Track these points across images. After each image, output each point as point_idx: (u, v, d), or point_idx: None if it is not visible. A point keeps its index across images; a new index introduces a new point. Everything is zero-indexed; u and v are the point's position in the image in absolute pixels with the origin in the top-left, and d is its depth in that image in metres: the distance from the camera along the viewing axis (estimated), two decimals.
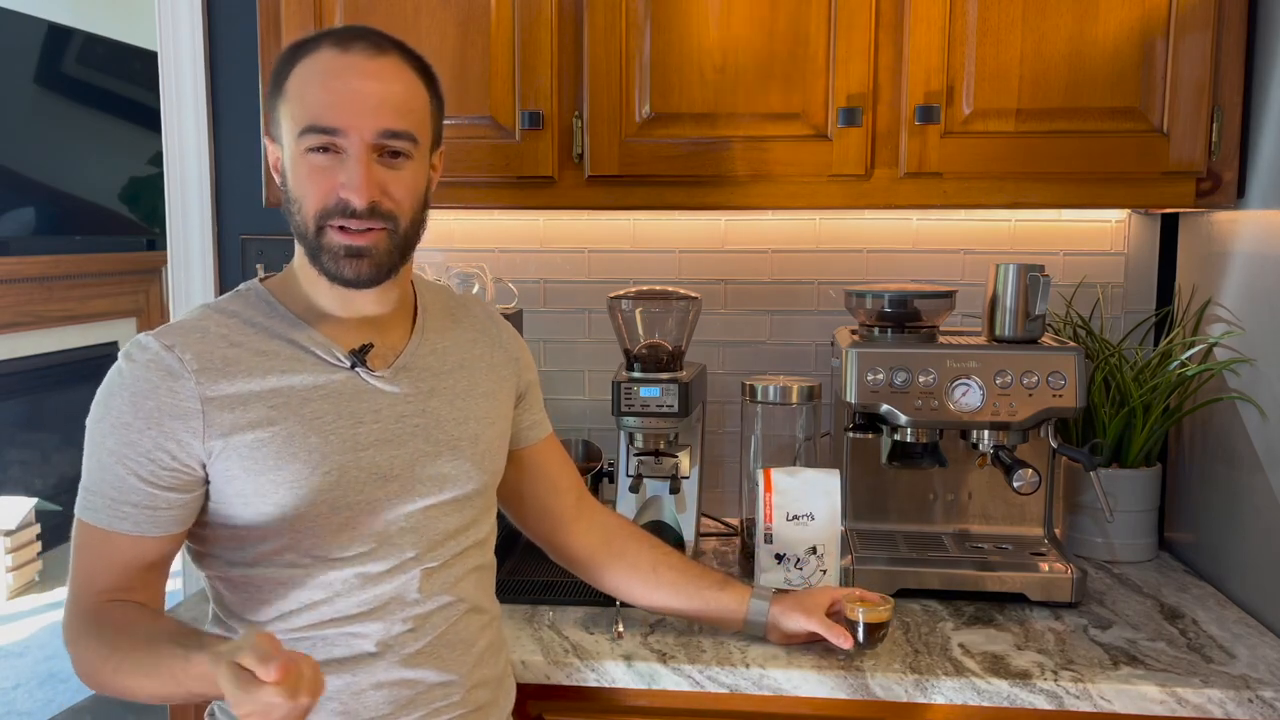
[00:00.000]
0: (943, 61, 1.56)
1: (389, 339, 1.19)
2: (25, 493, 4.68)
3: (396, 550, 1.13)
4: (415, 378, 1.18)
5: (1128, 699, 1.28)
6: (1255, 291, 1.54)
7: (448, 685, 1.16)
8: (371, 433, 1.13)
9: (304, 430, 1.10)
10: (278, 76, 1.12)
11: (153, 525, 1.08)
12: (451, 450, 1.18)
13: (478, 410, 1.23)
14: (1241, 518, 1.56)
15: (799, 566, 1.50)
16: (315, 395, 1.12)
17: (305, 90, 1.09)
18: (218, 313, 1.14)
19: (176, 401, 1.07)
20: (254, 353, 1.11)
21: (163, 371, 1.07)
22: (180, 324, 1.12)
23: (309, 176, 1.09)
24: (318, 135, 1.08)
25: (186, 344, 1.09)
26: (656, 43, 1.60)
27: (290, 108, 1.10)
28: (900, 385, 1.53)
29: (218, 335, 1.11)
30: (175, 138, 2.07)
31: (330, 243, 1.10)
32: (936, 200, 1.60)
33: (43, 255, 4.80)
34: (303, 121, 1.08)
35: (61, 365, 5.04)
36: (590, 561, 1.40)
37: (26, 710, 3.41)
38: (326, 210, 1.09)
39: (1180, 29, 1.53)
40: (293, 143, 1.09)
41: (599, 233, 1.99)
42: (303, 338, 1.14)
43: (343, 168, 1.08)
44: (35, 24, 4.74)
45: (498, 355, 1.29)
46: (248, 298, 1.17)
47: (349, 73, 1.09)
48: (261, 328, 1.13)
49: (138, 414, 1.07)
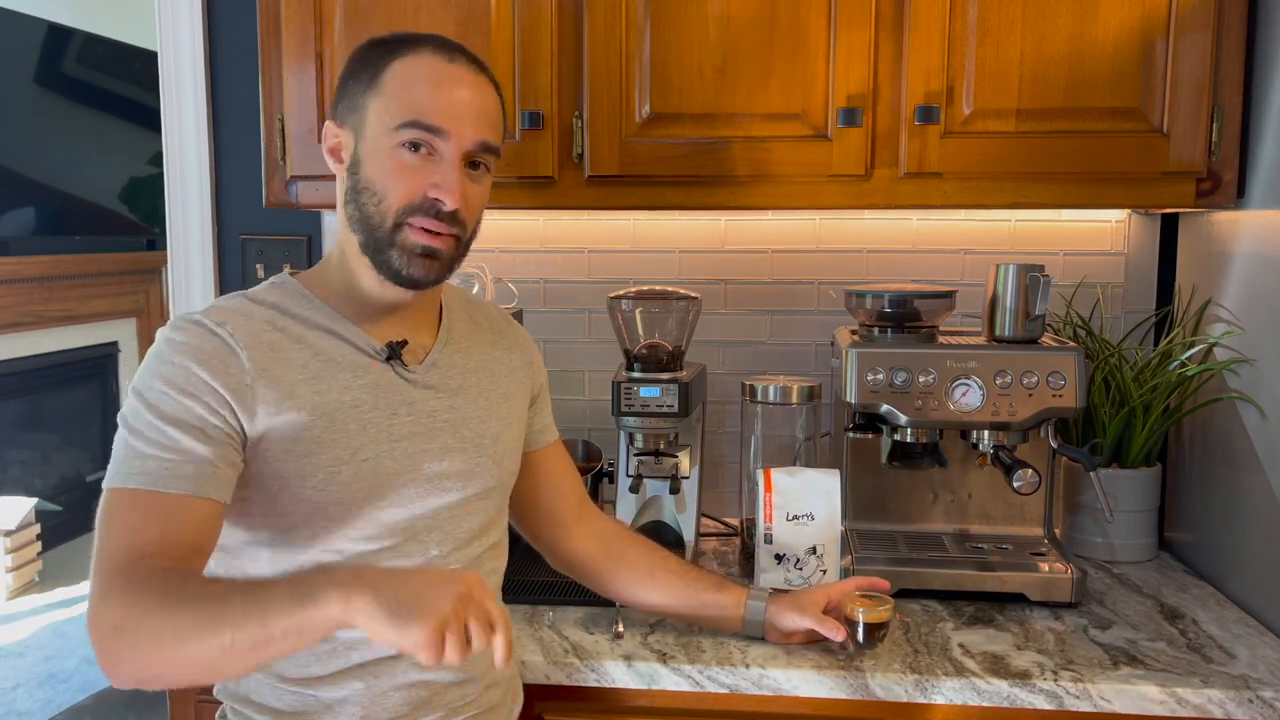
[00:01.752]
0: (943, 61, 1.56)
1: (419, 337, 1.20)
2: (25, 493, 4.67)
3: (421, 547, 1.14)
4: (444, 376, 1.20)
5: (1128, 699, 1.28)
6: (1255, 291, 1.54)
7: (464, 685, 1.18)
8: (405, 425, 1.14)
9: (344, 418, 1.10)
10: (369, 66, 1.13)
11: (211, 485, 1.04)
12: (476, 448, 1.20)
13: (499, 410, 1.25)
14: (1241, 518, 1.56)
15: (799, 567, 1.50)
16: (355, 384, 1.13)
17: (411, 87, 1.11)
18: (255, 302, 1.14)
19: (230, 373, 1.06)
20: (295, 340, 1.12)
21: (217, 342, 1.07)
22: (223, 306, 1.12)
23: (397, 171, 1.10)
24: (419, 131, 1.10)
25: (236, 324, 1.09)
26: (656, 43, 1.60)
27: (387, 101, 1.11)
28: (900, 385, 1.53)
29: (261, 320, 1.11)
30: (175, 138, 2.07)
31: (407, 240, 1.11)
32: (936, 200, 1.60)
33: (43, 255, 4.80)
34: (404, 116, 1.10)
35: (61, 365, 5.04)
36: (589, 566, 1.41)
37: (26, 710, 3.41)
38: (411, 206, 1.10)
39: (1180, 29, 1.53)
40: (385, 134, 1.10)
41: (599, 233, 1.99)
42: (341, 329, 1.15)
43: (436, 169, 1.11)
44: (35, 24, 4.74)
45: (515, 358, 1.32)
46: (284, 289, 1.17)
47: (456, 81, 1.12)
48: (300, 318, 1.14)
49: (190, 380, 1.04)
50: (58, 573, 4.56)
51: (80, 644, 3.89)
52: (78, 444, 5.19)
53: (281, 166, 1.70)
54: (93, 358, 5.25)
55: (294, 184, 1.70)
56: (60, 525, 4.79)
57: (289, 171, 1.69)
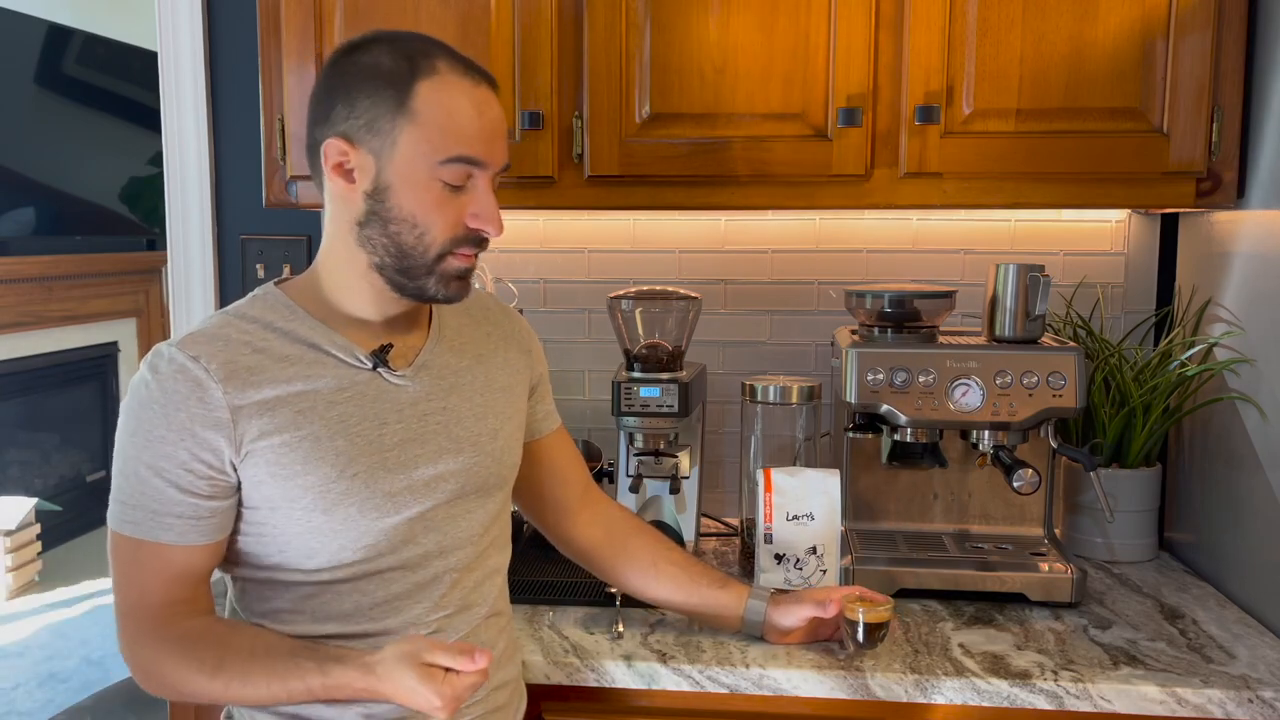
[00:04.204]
0: (943, 61, 1.56)
1: (408, 339, 1.19)
2: (25, 493, 4.68)
3: (419, 551, 1.14)
4: (435, 375, 1.19)
5: (1128, 699, 1.28)
6: (1255, 291, 1.54)
7: None
8: (395, 433, 1.13)
9: (330, 433, 1.09)
10: (390, 84, 1.07)
11: (197, 534, 1.08)
12: (473, 446, 1.19)
13: (496, 405, 1.24)
14: (1241, 518, 1.56)
15: (799, 566, 1.50)
16: (340, 398, 1.11)
17: (453, 118, 1.07)
18: (238, 319, 1.13)
19: (207, 411, 1.06)
20: (277, 359, 1.10)
21: (191, 382, 1.06)
22: (201, 332, 1.11)
23: (439, 204, 1.09)
24: (466, 166, 1.09)
25: (211, 354, 1.08)
26: (656, 43, 1.60)
27: (427, 132, 1.07)
28: (900, 385, 1.53)
29: (240, 343, 1.10)
30: (175, 138, 2.07)
31: (449, 268, 1.12)
32: (936, 200, 1.60)
33: (43, 255, 4.81)
34: (450, 150, 1.07)
35: (61, 365, 5.04)
36: (592, 553, 1.41)
37: (26, 710, 3.41)
38: (457, 239, 1.11)
39: (1180, 29, 1.53)
40: (427, 167, 1.07)
41: (599, 233, 1.99)
42: (324, 341, 1.13)
43: (471, 198, 1.10)
44: (35, 24, 4.74)
45: (512, 348, 1.30)
46: (266, 301, 1.15)
47: (486, 105, 1.10)
48: (282, 332, 1.12)
49: (170, 426, 1.05)
50: (58, 573, 4.56)
51: (80, 644, 3.89)
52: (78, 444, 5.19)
53: (281, 166, 1.70)
54: (93, 358, 5.25)
55: (294, 184, 1.70)
56: (60, 525, 4.79)
57: (289, 171, 1.69)
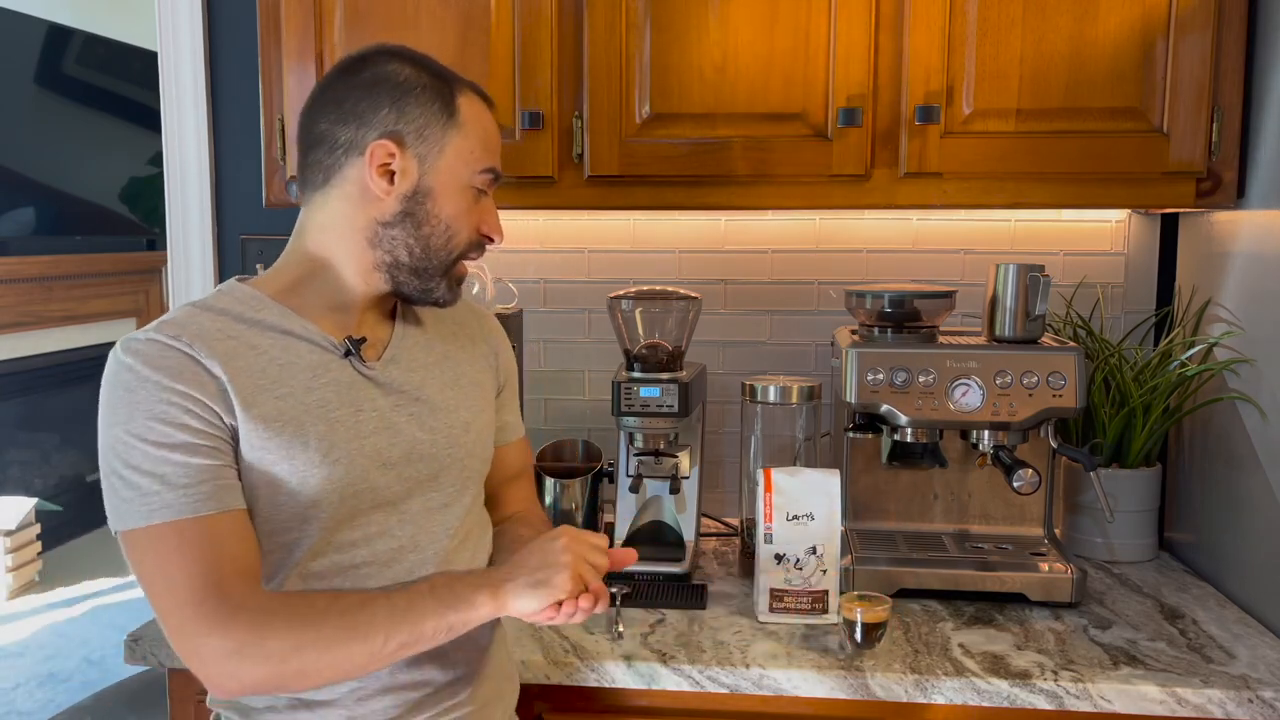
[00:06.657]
0: (943, 61, 1.56)
1: (376, 331, 1.19)
2: (25, 493, 4.68)
3: (393, 544, 1.13)
4: (405, 370, 1.19)
5: (1128, 699, 1.28)
6: (1255, 291, 1.54)
7: (455, 684, 1.16)
8: (371, 420, 1.13)
9: (312, 419, 1.08)
10: (438, 95, 1.14)
11: (233, 496, 1.04)
12: (447, 439, 1.18)
13: (467, 399, 1.23)
14: (1241, 518, 1.56)
15: (799, 566, 1.50)
16: (317, 384, 1.11)
17: (487, 132, 1.17)
18: (205, 310, 1.11)
19: (203, 382, 1.04)
20: (250, 346, 1.09)
21: (180, 355, 1.04)
22: (172, 321, 1.09)
23: (469, 210, 1.17)
24: (493, 176, 1.18)
25: (191, 336, 1.06)
26: (656, 43, 1.60)
27: (470, 143, 1.15)
28: (900, 385, 1.53)
29: (213, 329, 1.09)
30: (175, 138, 2.07)
31: (459, 272, 1.20)
32: (936, 200, 1.60)
33: (43, 255, 4.81)
34: (487, 160, 1.17)
35: (61, 365, 5.04)
36: None
37: (26, 710, 3.41)
38: (472, 244, 1.19)
39: (1180, 29, 1.53)
40: (468, 174, 1.15)
41: (599, 233, 1.99)
42: (296, 328, 1.12)
43: (482, 208, 1.19)
44: (35, 24, 4.74)
45: (479, 346, 1.30)
46: (232, 294, 1.14)
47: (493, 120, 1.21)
48: (252, 322, 1.11)
49: (172, 398, 1.03)
50: (58, 573, 4.56)
51: (80, 644, 3.89)
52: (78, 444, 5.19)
53: (281, 166, 1.70)
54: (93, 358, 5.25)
55: (294, 184, 1.70)
56: (60, 525, 4.79)
57: (289, 171, 1.69)
